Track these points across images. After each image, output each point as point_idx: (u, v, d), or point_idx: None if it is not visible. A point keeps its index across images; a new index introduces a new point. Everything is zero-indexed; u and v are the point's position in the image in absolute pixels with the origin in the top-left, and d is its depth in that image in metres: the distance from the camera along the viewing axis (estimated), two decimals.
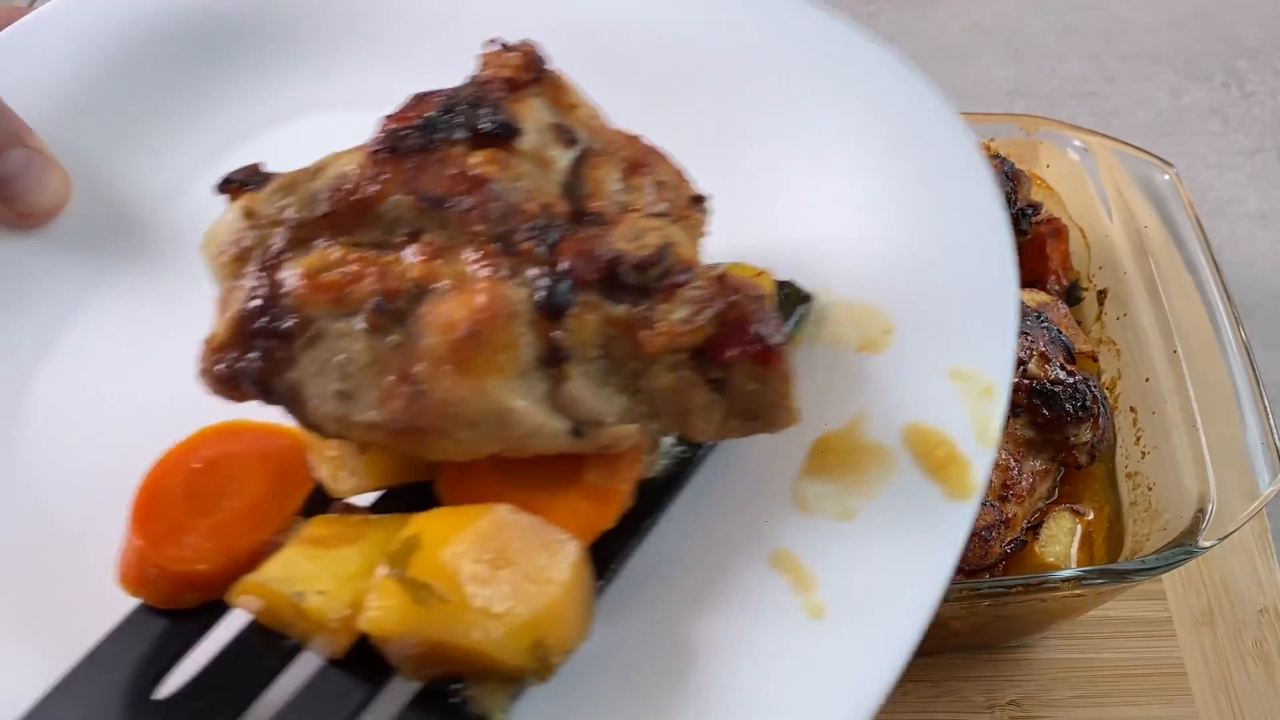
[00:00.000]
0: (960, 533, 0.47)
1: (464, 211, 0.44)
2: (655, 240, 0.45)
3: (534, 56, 0.51)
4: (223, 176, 0.48)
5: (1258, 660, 0.76)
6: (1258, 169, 1.19)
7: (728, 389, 0.44)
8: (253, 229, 0.45)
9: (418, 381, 0.41)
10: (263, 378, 0.43)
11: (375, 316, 0.43)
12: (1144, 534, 0.71)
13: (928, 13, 1.40)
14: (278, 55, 0.73)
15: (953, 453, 0.49)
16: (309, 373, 0.43)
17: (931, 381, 0.51)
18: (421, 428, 0.42)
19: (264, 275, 0.44)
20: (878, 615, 0.45)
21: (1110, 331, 0.84)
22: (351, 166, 0.46)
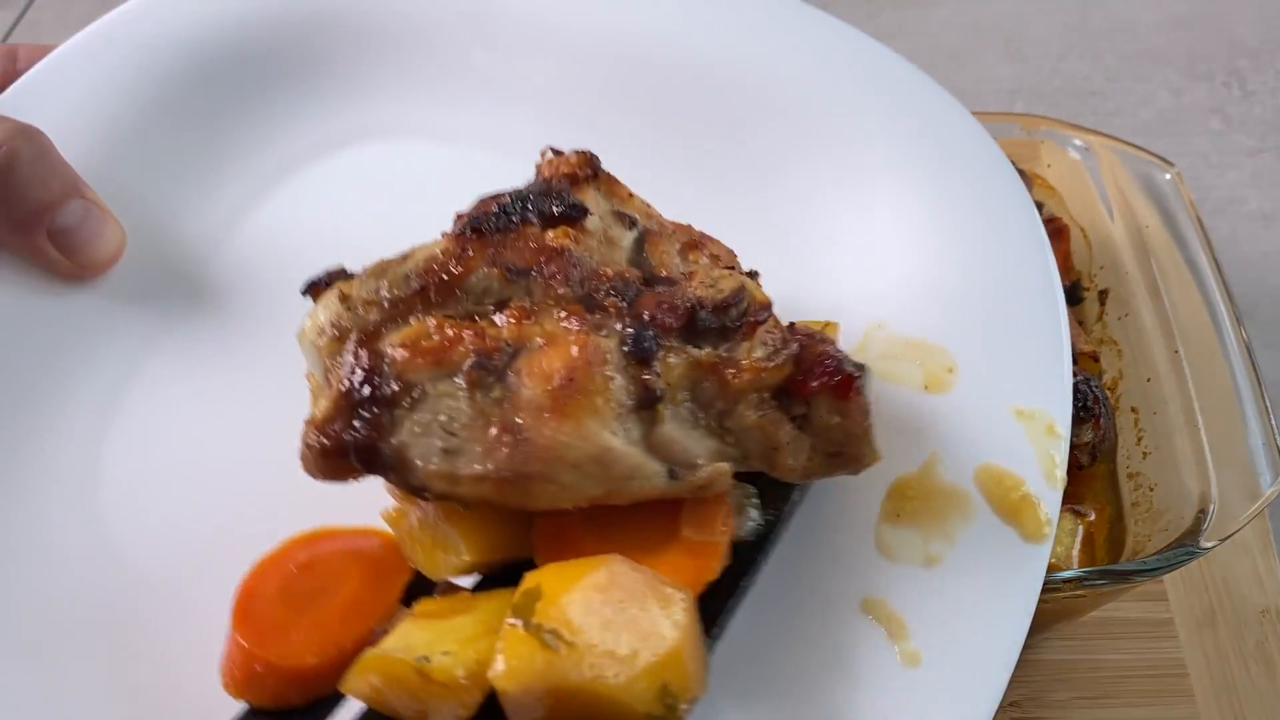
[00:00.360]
0: (1037, 575, 0.50)
1: (547, 278, 0.47)
2: (731, 284, 0.48)
3: (590, 156, 0.54)
4: (308, 280, 0.50)
5: (1259, 661, 0.75)
6: (1259, 168, 1.18)
7: (811, 424, 0.46)
8: (349, 312, 0.47)
9: (520, 430, 0.43)
10: (368, 444, 0.44)
11: (474, 373, 0.44)
12: (1145, 535, 0.71)
13: (928, 12, 1.40)
14: (317, 88, 0.73)
15: (1025, 495, 0.51)
16: (414, 434, 0.44)
17: (998, 422, 0.53)
18: (527, 474, 0.43)
19: (363, 349, 0.46)
20: (970, 662, 0.47)
21: (1111, 331, 0.84)
22: (437, 250, 0.49)
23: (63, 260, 0.62)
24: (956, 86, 1.30)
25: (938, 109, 0.68)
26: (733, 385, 0.46)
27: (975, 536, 0.50)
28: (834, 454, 0.47)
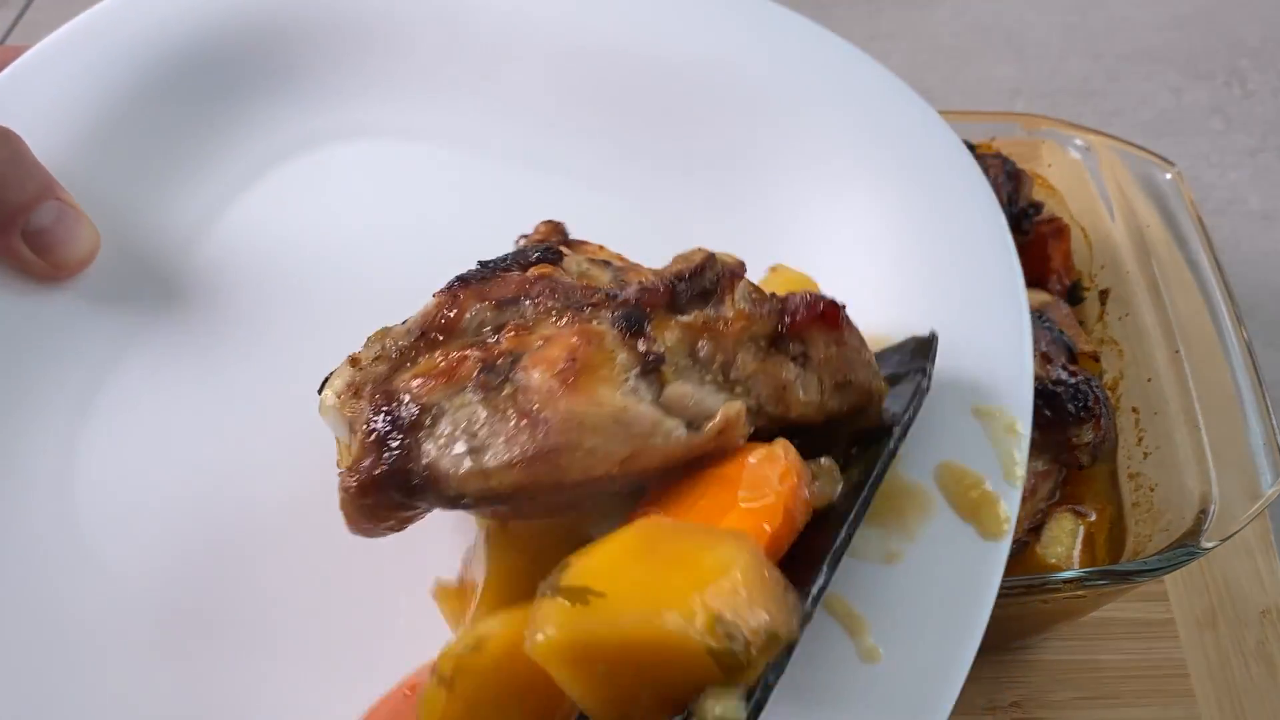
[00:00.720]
0: (996, 571, 0.51)
1: (536, 300, 0.50)
2: (699, 254, 0.51)
3: (559, 224, 0.57)
4: (324, 380, 0.51)
5: (1260, 661, 0.75)
6: (1260, 168, 1.18)
7: (811, 360, 0.49)
8: (360, 372, 0.49)
9: (537, 413, 0.45)
10: (400, 470, 0.46)
11: (484, 379, 0.46)
12: (1146, 535, 0.71)
13: (929, 12, 1.40)
14: (291, 87, 0.73)
15: (985, 493, 0.52)
16: (440, 448, 0.46)
17: (959, 420, 0.54)
18: (552, 448, 0.44)
19: (380, 393, 0.48)
20: (929, 657, 0.47)
21: (1112, 331, 0.84)
22: (429, 305, 0.51)
23: (37, 261, 0.62)
24: (957, 86, 1.31)
25: (904, 109, 0.68)
26: (726, 336, 0.48)
27: (934, 534, 0.51)
28: (842, 384, 0.49)
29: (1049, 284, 0.87)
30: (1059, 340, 0.74)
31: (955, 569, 0.50)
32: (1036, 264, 0.89)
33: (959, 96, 1.29)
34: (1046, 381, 0.70)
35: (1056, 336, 0.74)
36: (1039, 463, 0.71)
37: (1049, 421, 0.70)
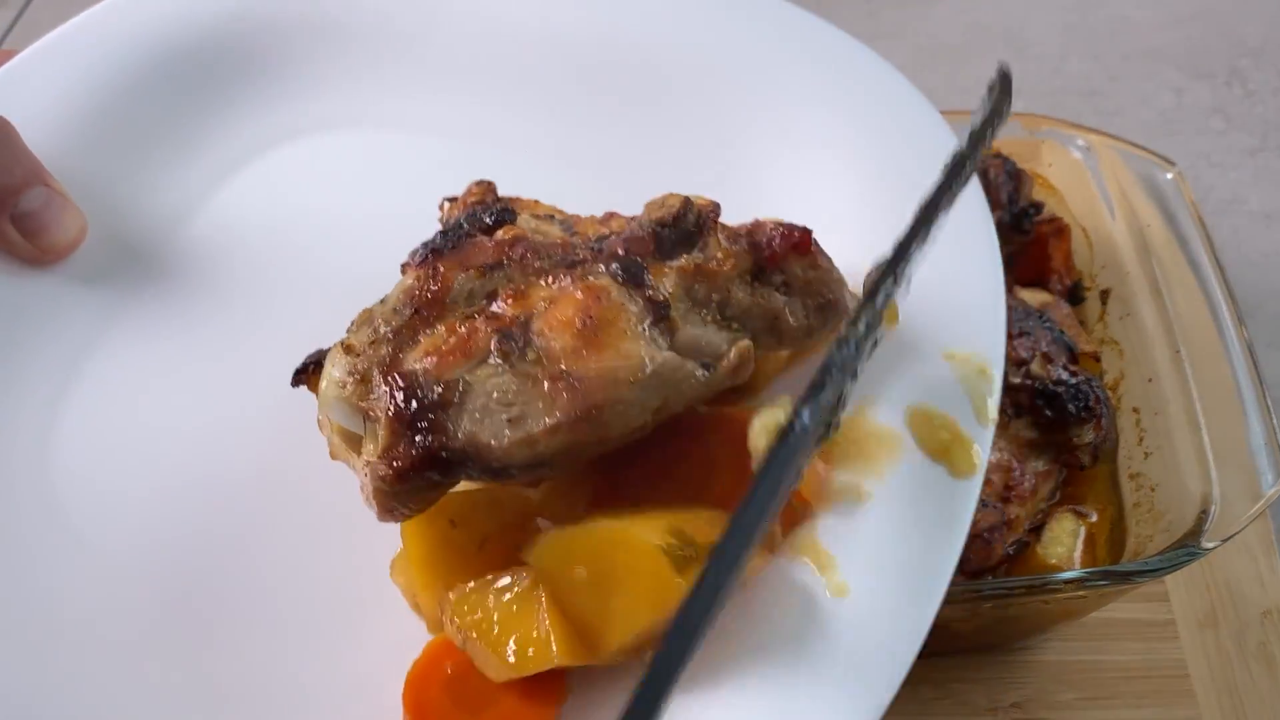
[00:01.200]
0: (967, 509, 0.51)
1: (519, 262, 0.51)
2: (675, 199, 0.53)
3: (490, 184, 0.59)
4: (295, 371, 0.53)
5: (1261, 662, 0.75)
6: (1261, 168, 1.18)
7: (792, 285, 0.53)
8: (358, 358, 0.50)
9: (569, 374, 0.47)
10: (440, 448, 0.46)
11: (503, 346, 0.48)
12: (1147, 535, 0.71)
13: (928, 11, 1.40)
14: (274, 78, 0.75)
15: (956, 434, 0.52)
16: (477, 421, 0.47)
17: (931, 365, 0.55)
18: (595, 405, 0.46)
19: (392, 376, 0.48)
20: (898, 590, 0.48)
21: (1113, 331, 0.84)
22: (408, 280, 0.52)
23: (24, 244, 0.64)
24: (958, 85, 1.31)
25: (870, 70, 0.70)
26: (718, 276, 0.51)
27: (905, 474, 0.51)
28: (823, 304, 0.53)
29: (1050, 284, 0.87)
30: (1060, 340, 0.74)
31: (926, 508, 0.50)
32: (1037, 264, 0.89)
33: (959, 96, 1.28)
34: (1047, 382, 0.70)
35: (1057, 336, 0.74)
36: (1040, 463, 0.71)
37: (1050, 422, 0.70)
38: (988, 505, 0.67)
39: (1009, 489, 0.69)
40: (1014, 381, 0.70)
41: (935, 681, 0.76)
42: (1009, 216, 0.85)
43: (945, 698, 0.75)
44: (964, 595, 0.64)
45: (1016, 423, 0.70)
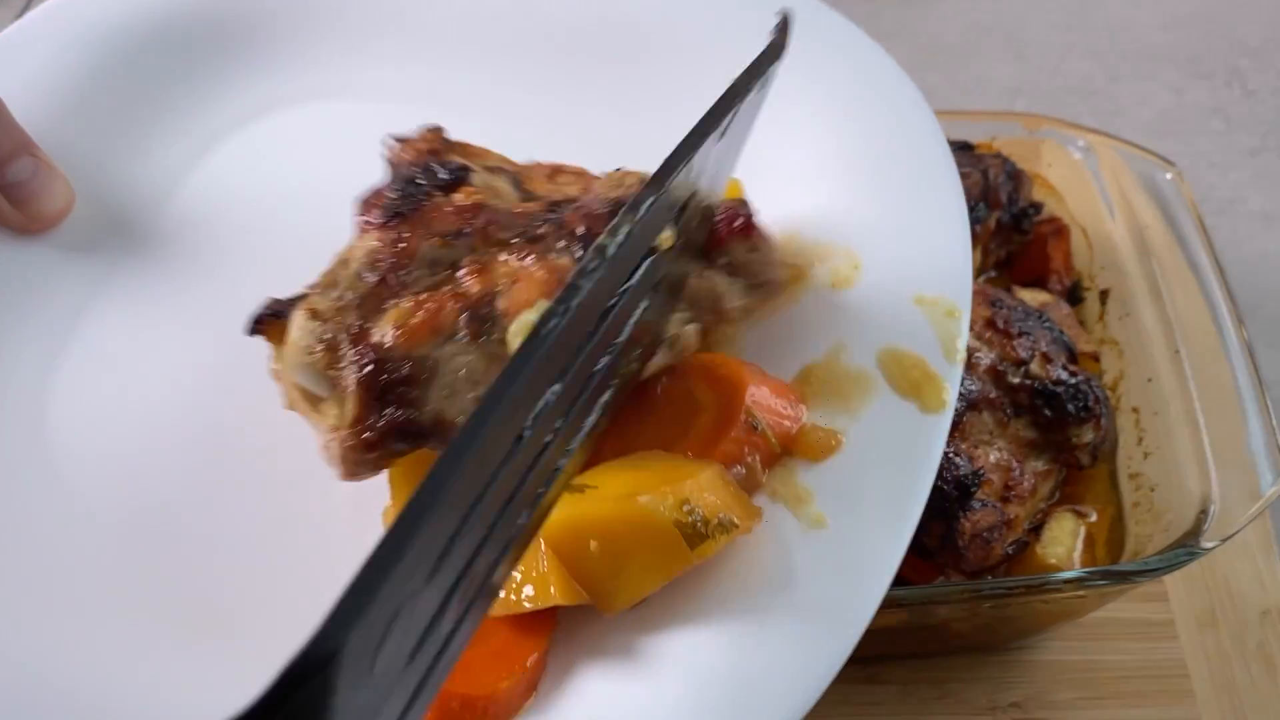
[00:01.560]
0: (937, 443, 0.53)
1: (482, 229, 0.52)
2: (633, 180, 0.55)
3: (438, 128, 0.59)
4: (251, 319, 0.53)
5: (1260, 662, 0.75)
6: (1260, 168, 1.18)
7: (734, 267, 0.54)
8: (325, 324, 0.51)
9: None
10: (406, 422, 0.48)
11: (471, 326, 0.49)
12: (1146, 535, 0.71)
13: (929, 11, 1.40)
14: (260, 50, 0.77)
15: (925, 371, 0.55)
16: (443, 397, 0.49)
17: (901, 309, 0.57)
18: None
19: (361, 347, 0.49)
20: (873, 522, 0.50)
21: (1112, 331, 0.84)
22: (371, 244, 0.52)
23: (14, 213, 0.66)
24: (958, 85, 1.31)
25: (832, 27, 0.72)
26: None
27: (877, 412, 0.54)
28: (761, 284, 0.55)
29: (1049, 284, 0.87)
30: (1059, 340, 0.74)
31: (898, 442, 0.53)
32: (1037, 264, 0.89)
33: (959, 96, 1.29)
34: (1047, 381, 0.70)
35: (1057, 336, 0.74)
36: (1039, 463, 0.71)
37: (1049, 421, 0.70)
38: (987, 505, 0.67)
39: (1008, 489, 0.69)
40: (1013, 381, 0.70)
41: (935, 681, 0.76)
42: (1009, 216, 0.85)
43: (945, 697, 0.75)
44: (964, 595, 0.64)
45: (1016, 422, 0.70)
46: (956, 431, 0.68)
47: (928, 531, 0.67)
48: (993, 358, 0.71)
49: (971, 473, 0.67)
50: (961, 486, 0.66)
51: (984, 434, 0.69)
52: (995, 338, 0.72)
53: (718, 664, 0.46)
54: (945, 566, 0.69)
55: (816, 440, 0.53)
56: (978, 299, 0.74)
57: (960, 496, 0.66)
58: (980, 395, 0.69)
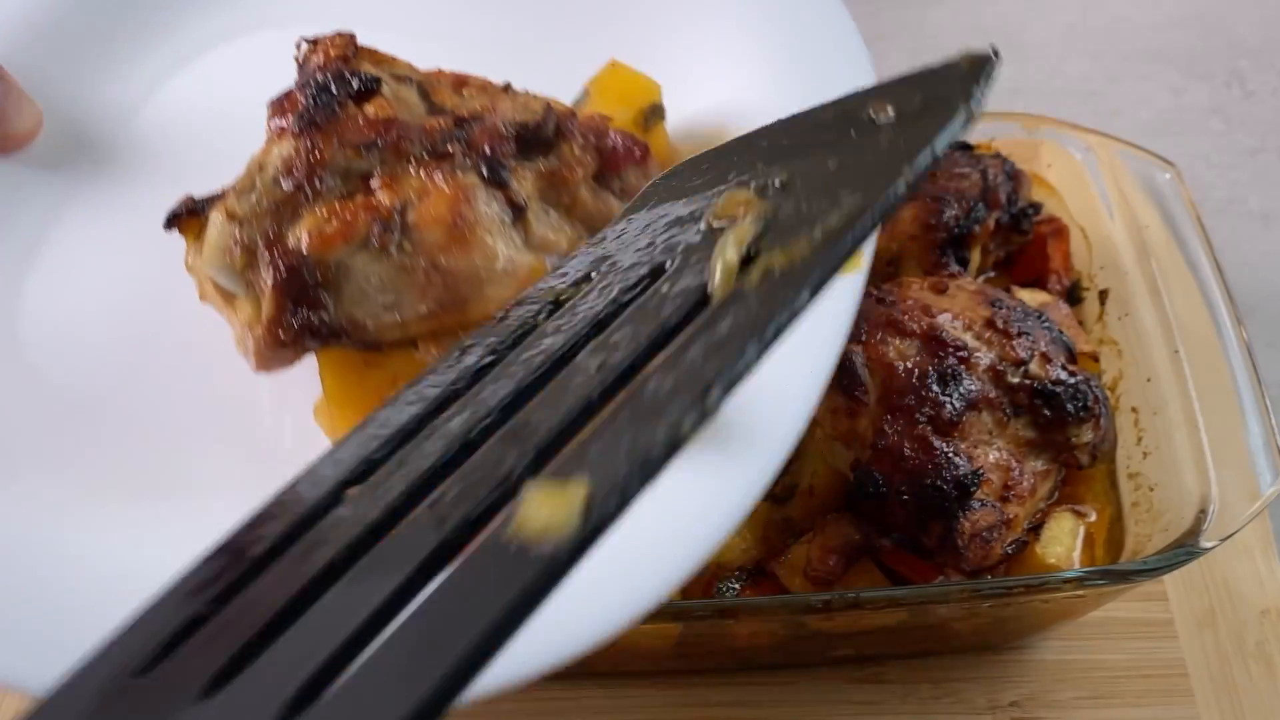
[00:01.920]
0: (854, 299, 0.58)
1: (394, 144, 0.55)
2: (538, 104, 0.59)
3: (350, 36, 0.62)
4: (168, 214, 0.58)
5: (1260, 661, 0.75)
6: (1260, 168, 1.18)
7: (627, 191, 0.59)
8: (242, 227, 0.54)
9: (439, 268, 0.53)
10: (319, 322, 0.53)
11: (381, 237, 0.53)
12: (1145, 535, 0.71)
13: (928, 12, 1.40)
14: None
15: None
16: (355, 302, 0.53)
17: None
18: (460, 299, 0.53)
19: (277, 249, 0.53)
20: (793, 364, 0.54)
21: (1112, 331, 0.84)
22: (286, 151, 0.55)
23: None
24: None
25: None
26: (570, 182, 0.57)
27: None
28: None
29: (1049, 284, 0.87)
30: (1058, 340, 0.74)
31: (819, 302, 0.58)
32: (1036, 264, 0.89)
33: None
34: (1046, 381, 0.70)
35: (1056, 336, 0.74)
36: (1038, 462, 0.71)
37: (1048, 421, 0.70)
38: (986, 505, 0.67)
39: (1008, 488, 0.69)
40: (1013, 381, 0.70)
41: (934, 680, 0.76)
42: (1008, 217, 0.85)
43: (944, 696, 0.75)
44: (963, 594, 0.64)
45: (1015, 422, 0.70)
46: (956, 431, 0.68)
47: (927, 531, 0.67)
48: (992, 358, 0.71)
49: (971, 472, 0.67)
50: (961, 486, 0.66)
51: (983, 434, 0.69)
52: (995, 338, 0.72)
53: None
54: (945, 566, 0.69)
55: None
56: (977, 299, 0.74)
57: (959, 496, 0.66)
58: (980, 395, 0.69)
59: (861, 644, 0.74)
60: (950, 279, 0.77)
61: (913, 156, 0.40)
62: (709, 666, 0.78)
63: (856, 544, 0.69)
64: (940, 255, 0.82)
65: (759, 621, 0.67)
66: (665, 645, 0.71)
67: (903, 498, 0.67)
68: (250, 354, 0.55)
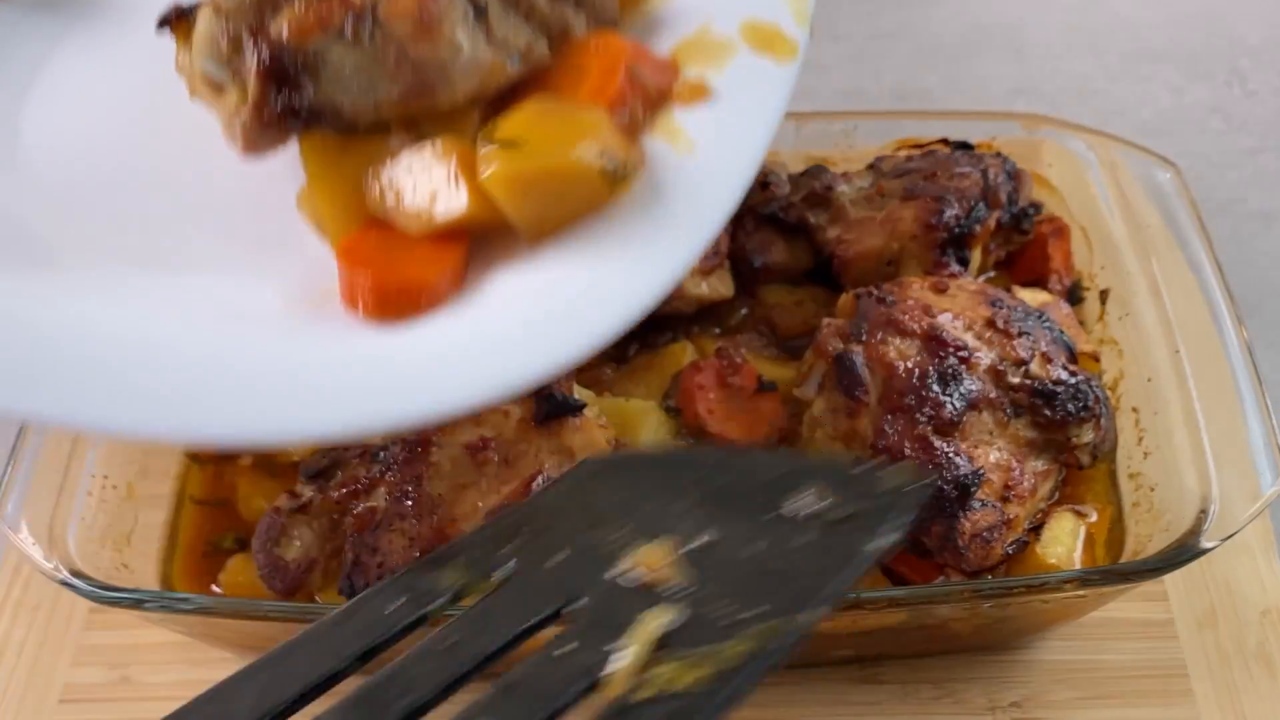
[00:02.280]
0: (789, 85, 0.65)
1: None
2: None
3: None
4: (160, 16, 0.62)
5: (1260, 661, 0.75)
6: (1260, 168, 1.18)
7: (585, 4, 0.65)
8: (228, 20, 0.60)
9: (407, 56, 0.59)
10: (299, 106, 0.60)
11: (354, 27, 0.59)
12: (1146, 535, 0.71)
13: (930, 11, 1.40)
14: None
15: (779, 33, 0.67)
16: (333, 86, 0.60)
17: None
18: (427, 83, 0.60)
19: (260, 40, 0.59)
20: (733, 138, 0.62)
21: (1112, 331, 0.84)
22: None
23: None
24: (957, 86, 1.31)
25: None
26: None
27: (740, 65, 0.65)
28: (603, 19, 0.66)
29: (1049, 283, 0.87)
30: (1059, 340, 0.74)
31: (757, 87, 0.65)
32: (1036, 264, 0.89)
33: (959, 96, 1.29)
34: (1047, 381, 0.70)
35: (1057, 336, 0.74)
36: (1039, 462, 0.71)
37: (1049, 421, 0.70)
38: (987, 505, 0.67)
39: (1008, 488, 0.69)
40: (1013, 381, 0.70)
41: (935, 681, 0.76)
42: (1008, 216, 0.85)
43: (945, 697, 0.75)
44: (963, 595, 0.64)
45: (1016, 422, 0.70)
46: (957, 431, 0.68)
47: (928, 531, 0.67)
48: (993, 358, 0.71)
49: (971, 472, 0.67)
50: (961, 486, 0.66)
51: (984, 434, 0.69)
52: (995, 338, 0.72)
53: (606, 257, 0.57)
54: (945, 566, 0.69)
55: (689, 88, 0.64)
56: (978, 299, 0.74)
57: (960, 496, 0.66)
58: (980, 395, 0.69)
59: (862, 644, 0.74)
60: (951, 279, 0.77)
61: (834, 575, 0.45)
62: None
63: None
64: (941, 255, 0.82)
65: None
66: None
67: None
68: (237, 138, 0.60)
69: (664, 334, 0.87)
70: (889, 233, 0.83)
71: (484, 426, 0.69)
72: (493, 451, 0.69)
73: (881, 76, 1.31)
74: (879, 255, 0.84)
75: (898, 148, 0.95)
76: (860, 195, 0.88)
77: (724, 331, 0.88)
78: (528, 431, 0.69)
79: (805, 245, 0.88)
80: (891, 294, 0.74)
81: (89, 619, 0.83)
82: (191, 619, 0.68)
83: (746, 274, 0.88)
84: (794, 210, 0.88)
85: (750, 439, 0.77)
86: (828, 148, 0.97)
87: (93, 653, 0.81)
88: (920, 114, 1.08)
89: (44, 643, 0.82)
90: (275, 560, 0.72)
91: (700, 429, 0.77)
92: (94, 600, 0.67)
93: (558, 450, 0.69)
